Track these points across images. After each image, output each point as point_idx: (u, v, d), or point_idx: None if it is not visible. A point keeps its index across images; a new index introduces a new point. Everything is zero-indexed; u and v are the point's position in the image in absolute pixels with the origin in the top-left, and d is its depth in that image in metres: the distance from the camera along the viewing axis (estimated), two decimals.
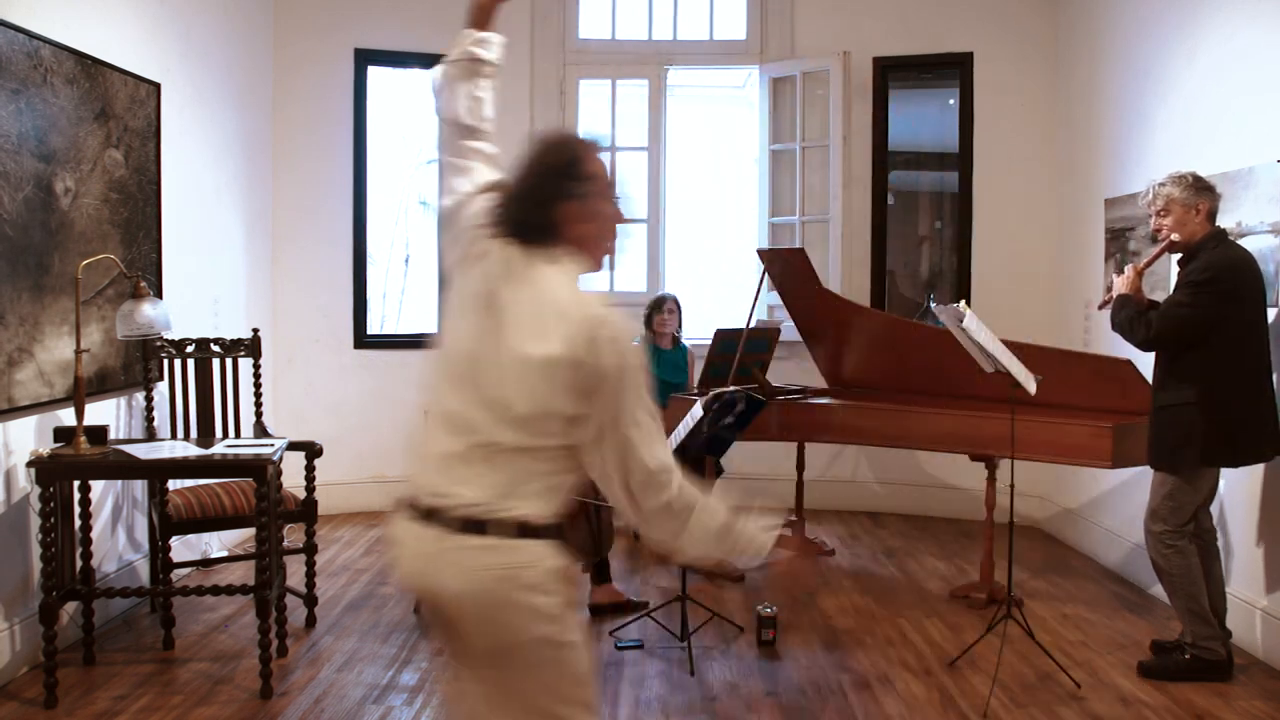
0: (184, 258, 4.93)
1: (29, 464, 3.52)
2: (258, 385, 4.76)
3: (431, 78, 2.21)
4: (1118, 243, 5.23)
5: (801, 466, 5.73)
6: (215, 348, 4.62)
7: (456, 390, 1.92)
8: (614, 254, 2.05)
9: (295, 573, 4.47)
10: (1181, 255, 3.78)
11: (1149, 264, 3.88)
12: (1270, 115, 3.98)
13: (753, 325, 5.35)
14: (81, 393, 3.64)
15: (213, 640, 4.12)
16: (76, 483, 3.83)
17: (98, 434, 3.67)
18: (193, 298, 5.01)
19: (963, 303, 3.94)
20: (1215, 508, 3.95)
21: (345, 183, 6.37)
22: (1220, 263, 3.62)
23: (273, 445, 3.86)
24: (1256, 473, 3.99)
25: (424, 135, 6.82)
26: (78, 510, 3.86)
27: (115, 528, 4.42)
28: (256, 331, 4.76)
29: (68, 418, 3.85)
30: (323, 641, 4.15)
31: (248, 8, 5.85)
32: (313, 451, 4.26)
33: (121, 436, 4.37)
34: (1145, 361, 4.03)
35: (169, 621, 3.99)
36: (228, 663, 3.87)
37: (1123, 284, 3.81)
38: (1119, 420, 4.24)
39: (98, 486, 4.11)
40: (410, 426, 1.99)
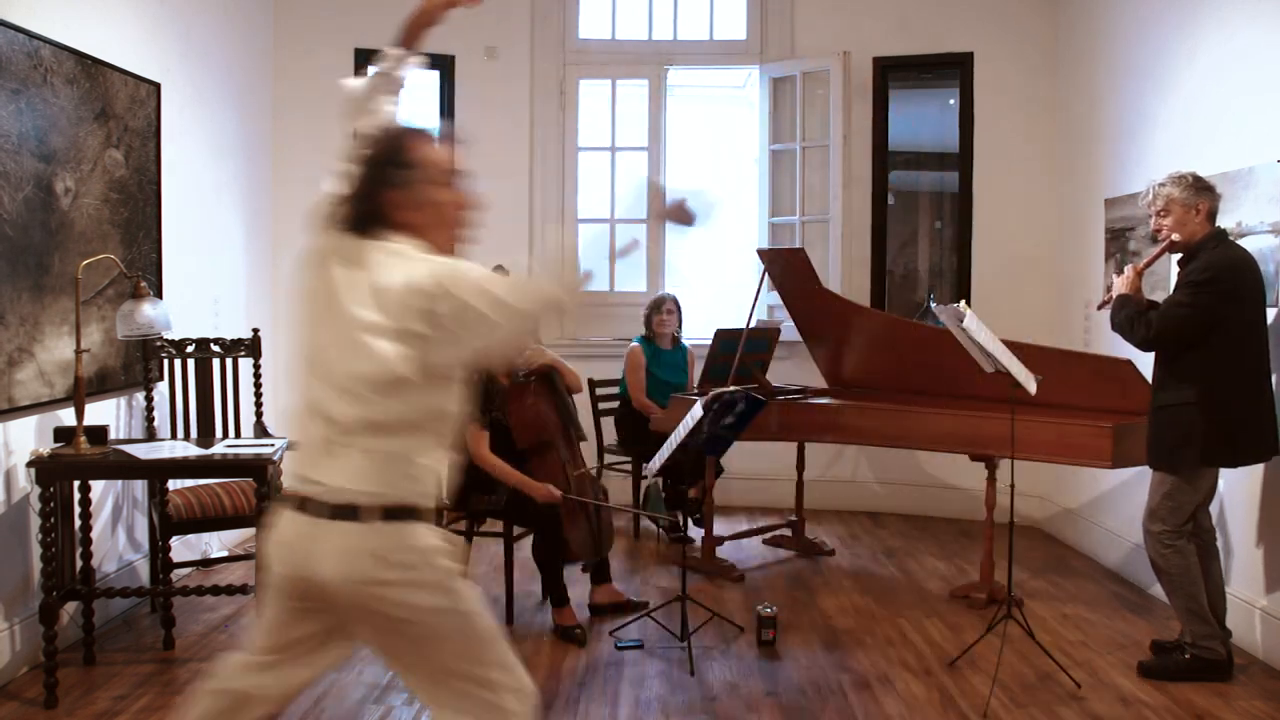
0: (184, 258, 4.93)
1: (29, 464, 3.53)
2: (258, 385, 4.77)
3: (351, 87, 2.32)
4: (1118, 243, 5.23)
5: (801, 466, 5.73)
6: (215, 348, 4.62)
7: (314, 381, 2.01)
8: (464, 239, 2.12)
9: None
10: (1181, 255, 3.78)
11: (1149, 264, 3.88)
12: (1270, 115, 3.98)
13: (753, 325, 5.35)
14: (81, 393, 3.64)
15: (213, 640, 4.12)
16: (76, 483, 3.83)
17: (98, 434, 3.68)
18: (193, 298, 5.01)
19: (963, 303, 3.94)
20: (1215, 507, 3.95)
21: None
22: (1220, 263, 3.62)
23: (273, 445, 3.86)
24: (1256, 473, 3.99)
25: None
26: (78, 510, 3.86)
27: (115, 528, 4.42)
28: (256, 331, 4.76)
29: (68, 418, 3.85)
30: None
31: (248, 8, 5.85)
32: None
33: (121, 436, 4.37)
34: (1145, 361, 4.03)
35: (169, 621, 3.99)
36: None
37: (1122, 284, 3.81)
38: (1119, 420, 4.24)
39: (98, 486, 4.12)
40: (290, 423, 2.06)
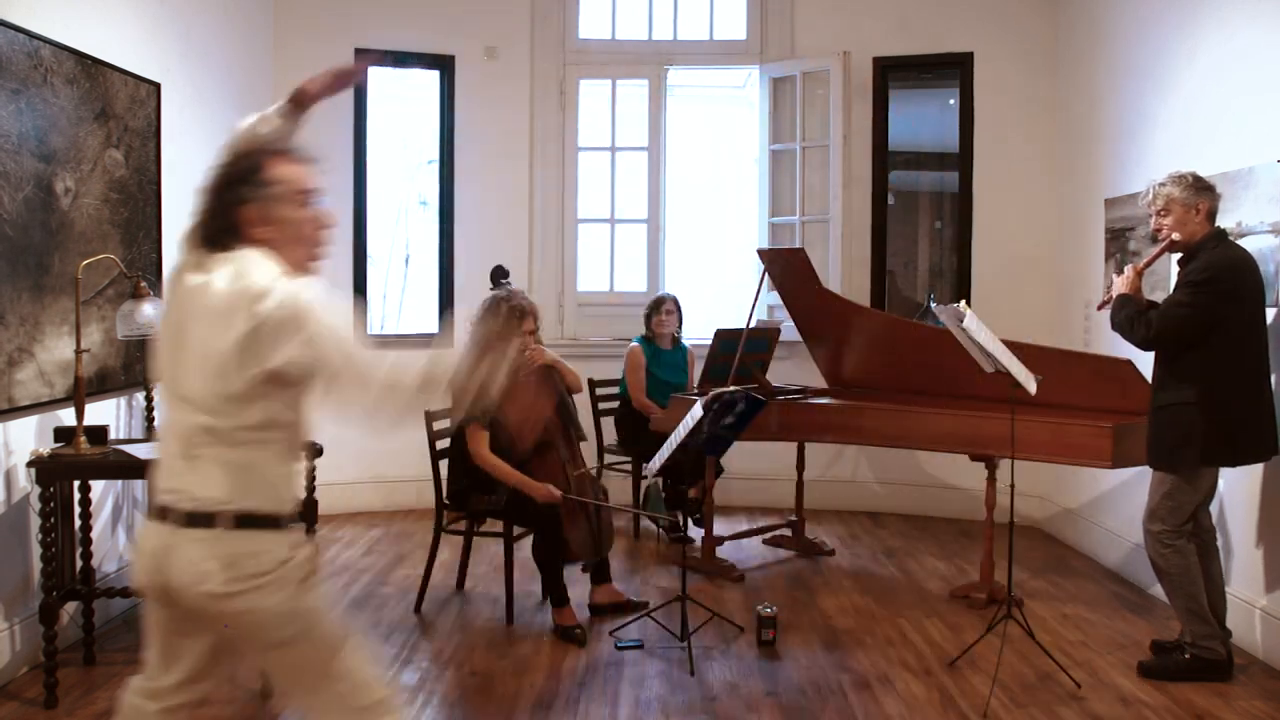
0: None
1: (29, 464, 3.53)
2: None
3: (238, 127, 2.36)
4: (1118, 243, 5.23)
5: (801, 466, 5.73)
6: None
7: (170, 394, 2.06)
8: (316, 257, 2.17)
9: None
10: (1181, 255, 3.78)
11: (1149, 264, 3.88)
12: (1270, 115, 3.98)
13: (753, 325, 5.35)
14: (82, 393, 3.64)
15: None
16: (77, 483, 3.83)
17: (98, 434, 3.68)
18: None
19: (963, 303, 3.94)
20: (1215, 507, 3.95)
21: (345, 183, 6.37)
22: (1220, 263, 3.63)
23: None
24: (1256, 472, 3.99)
25: (424, 135, 6.82)
26: (78, 510, 3.86)
27: (115, 528, 4.42)
28: None
29: (68, 418, 3.85)
30: None
31: (248, 8, 5.85)
32: (313, 451, 4.25)
33: (121, 436, 4.37)
34: (1145, 361, 4.03)
35: None
36: None
37: (1122, 284, 3.81)
38: (1119, 420, 4.24)
39: (98, 486, 4.11)
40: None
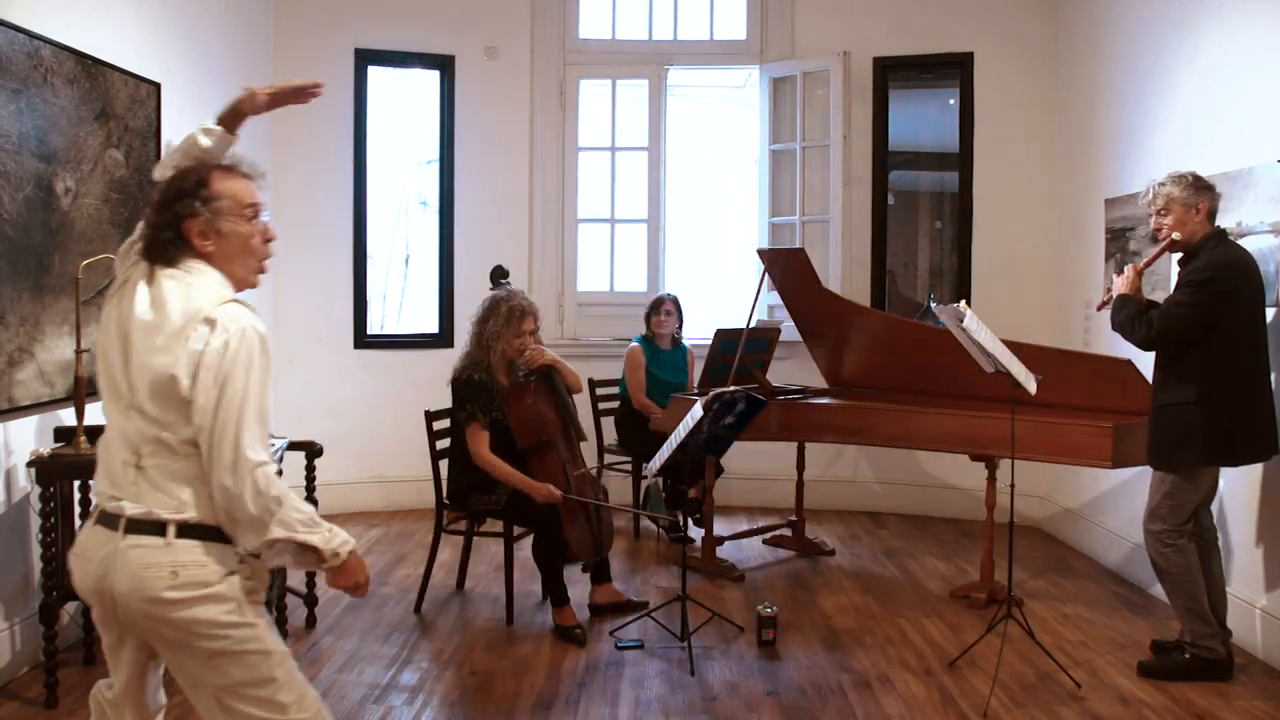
0: None
1: (29, 464, 3.53)
2: None
3: (172, 143, 2.44)
4: (1118, 243, 5.23)
5: (801, 466, 5.73)
6: None
7: (112, 404, 2.09)
8: (261, 270, 2.22)
9: (295, 573, 4.46)
10: (1181, 255, 3.79)
11: (1149, 264, 3.88)
12: (1270, 115, 3.98)
13: (753, 325, 5.35)
14: (82, 393, 3.64)
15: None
16: (77, 483, 3.83)
17: (98, 434, 3.66)
18: None
19: (963, 303, 3.94)
20: (1215, 507, 3.95)
21: (345, 183, 6.38)
22: (1220, 262, 3.63)
23: (273, 445, 3.85)
24: (1256, 472, 3.99)
25: (424, 135, 6.82)
26: (78, 510, 3.86)
27: None
28: None
29: (68, 418, 3.85)
30: (323, 641, 4.15)
31: (248, 8, 5.85)
32: (313, 451, 4.25)
33: None
34: (1145, 361, 4.03)
35: None
36: None
37: (1122, 284, 3.81)
38: (1119, 420, 4.24)
39: None
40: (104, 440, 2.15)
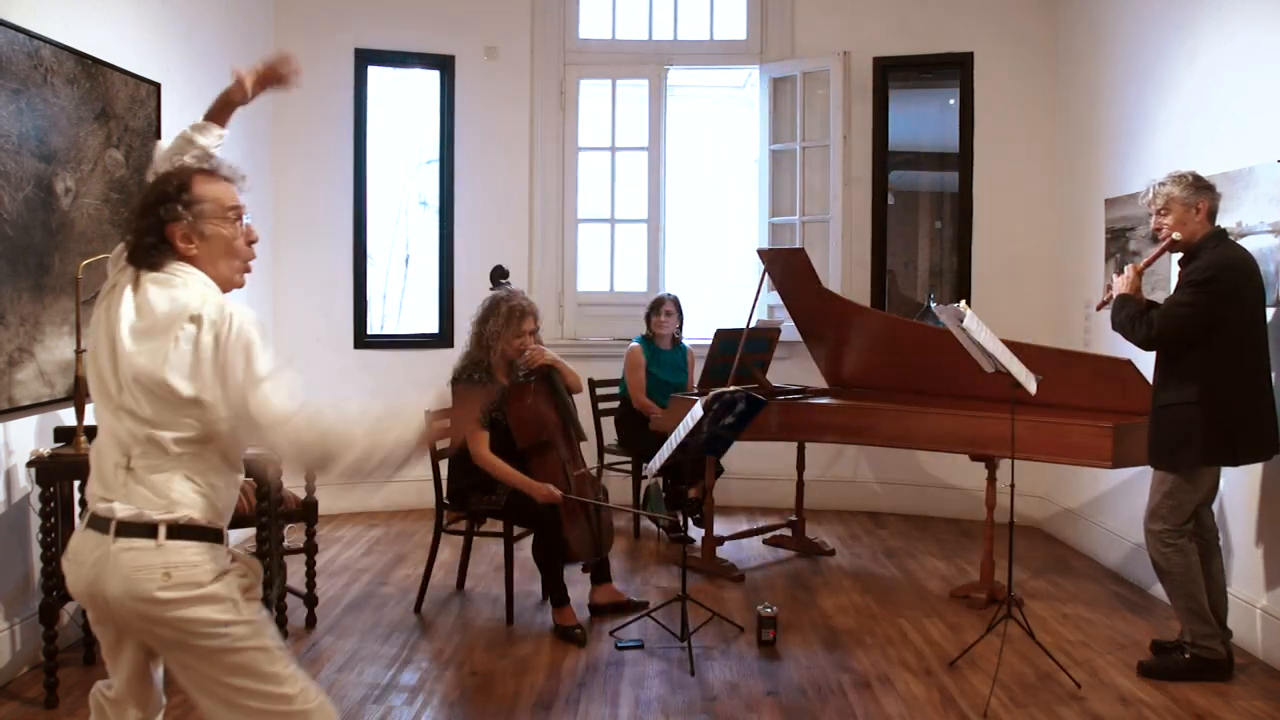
0: None
1: (29, 464, 3.53)
2: None
3: (159, 146, 2.45)
4: (1118, 243, 5.23)
5: (801, 466, 5.73)
6: None
7: (103, 407, 2.10)
8: (245, 270, 2.22)
9: (295, 573, 4.47)
10: (1182, 255, 3.79)
11: (1149, 263, 3.89)
12: (1270, 115, 3.98)
13: (753, 325, 5.35)
14: (82, 393, 3.64)
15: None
16: (77, 483, 3.82)
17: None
18: None
19: (963, 303, 3.94)
20: (1215, 507, 3.95)
21: (345, 183, 6.38)
22: (1220, 262, 3.63)
23: None
24: (1256, 472, 3.99)
25: (424, 135, 6.83)
26: (78, 510, 3.85)
27: None
28: None
29: (68, 418, 3.85)
30: (323, 641, 4.15)
31: (248, 8, 5.85)
32: None
33: None
34: (1145, 361, 4.03)
35: None
36: None
37: (1122, 284, 3.81)
38: (1119, 420, 4.24)
39: None
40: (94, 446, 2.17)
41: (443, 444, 2.16)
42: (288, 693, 2.08)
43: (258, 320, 2.09)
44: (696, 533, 5.48)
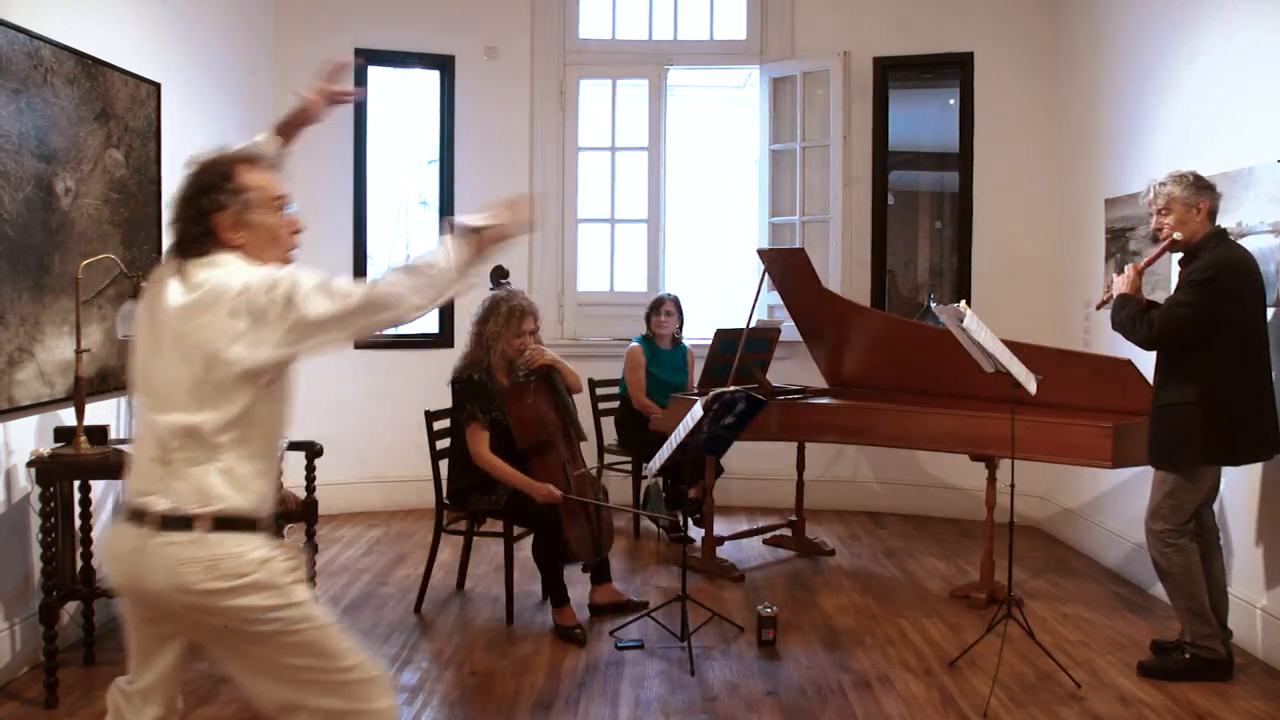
0: None
1: (29, 464, 3.53)
2: None
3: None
4: (1118, 243, 5.23)
5: (801, 466, 5.73)
6: None
7: (146, 400, 2.08)
8: (289, 260, 2.21)
9: None
10: (1182, 255, 3.79)
11: (1149, 263, 3.88)
12: (1270, 115, 3.98)
13: (753, 325, 5.35)
14: (82, 392, 3.64)
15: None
16: (77, 483, 3.83)
17: (98, 434, 3.68)
18: None
19: (963, 303, 3.94)
20: (1215, 506, 3.95)
21: (345, 183, 6.38)
22: (1221, 262, 3.63)
23: None
24: (1256, 472, 3.99)
25: (424, 135, 6.82)
26: (78, 510, 3.86)
27: None
28: None
29: (68, 418, 3.85)
30: None
31: (248, 8, 5.85)
32: (313, 451, 4.26)
33: (122, 436, 4.37)
34: (1145, 361, 4.03)
35: None
36: None
37: (1123, 284, 3.81)
38: (1119, 420, 4.24)
39: (98, 486, 4.11)
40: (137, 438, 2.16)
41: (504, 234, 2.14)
42: (349, 664, 2.09)
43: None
44: (696, 533, 5.48)
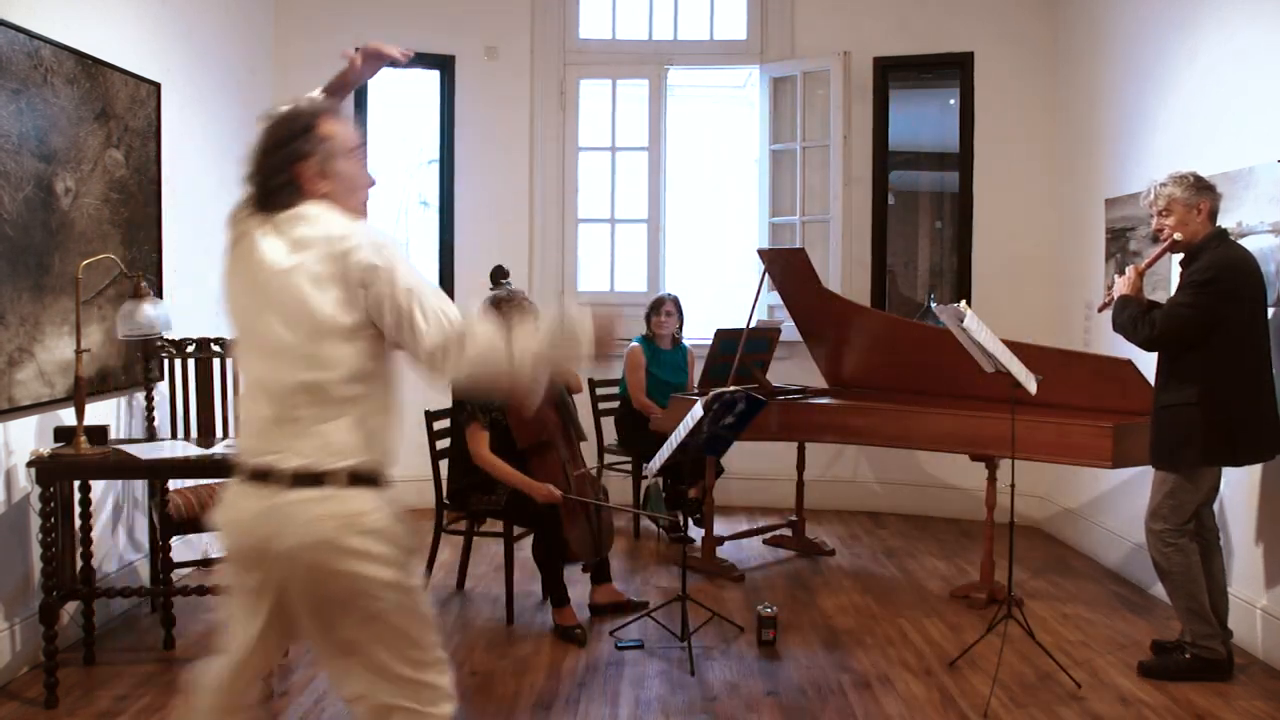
0: (184, 258, 4.93)
1: (29, 464, 3.53)
2: None
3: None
4: (1118, 243, 5.23)
5: (801, 466, 5.73)
6: (216, 348, 4.62)
7: (252, 356, 2.05)
8: (365, 210, 2.18)
9: None
10: (1183, 255, 3.79)
11: (1150, 264, 3.88)
12: (1270, 115, 3.98)
13: (753, 325, 5.35)
14: (82, 393, 3.64)
15: (213, 640, 4.11)
16: (77, 483, 3.83)
17: (98, 434, 3.68)
18: (193, 298, 5.00)
19: (963, 303, 3.94)
20: (1215, 507, 3.95)
21: None
22: (1221, 263, 3.63)
23: None
24: (1256, 472, 3.99)
25: (424, 135, 6.83)
26: (78, 510, 3.86)
27: (115, 528, 4.42)
28: None
29: (68, 417, 3.85)
30: None
31: (248, 8, 5.85)
32: None
33: (122, 436, 4.37)
34: (1145, 361, 4.03)
35: (170, 621, 3.98)
36: None
37: (1124, 285, 3.81)
38: (1119, 420, 4.24)
39: (98, 486, 4.12)
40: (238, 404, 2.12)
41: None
42: (429, 660, 2.09)
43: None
44: (696, 533, 5.48)
